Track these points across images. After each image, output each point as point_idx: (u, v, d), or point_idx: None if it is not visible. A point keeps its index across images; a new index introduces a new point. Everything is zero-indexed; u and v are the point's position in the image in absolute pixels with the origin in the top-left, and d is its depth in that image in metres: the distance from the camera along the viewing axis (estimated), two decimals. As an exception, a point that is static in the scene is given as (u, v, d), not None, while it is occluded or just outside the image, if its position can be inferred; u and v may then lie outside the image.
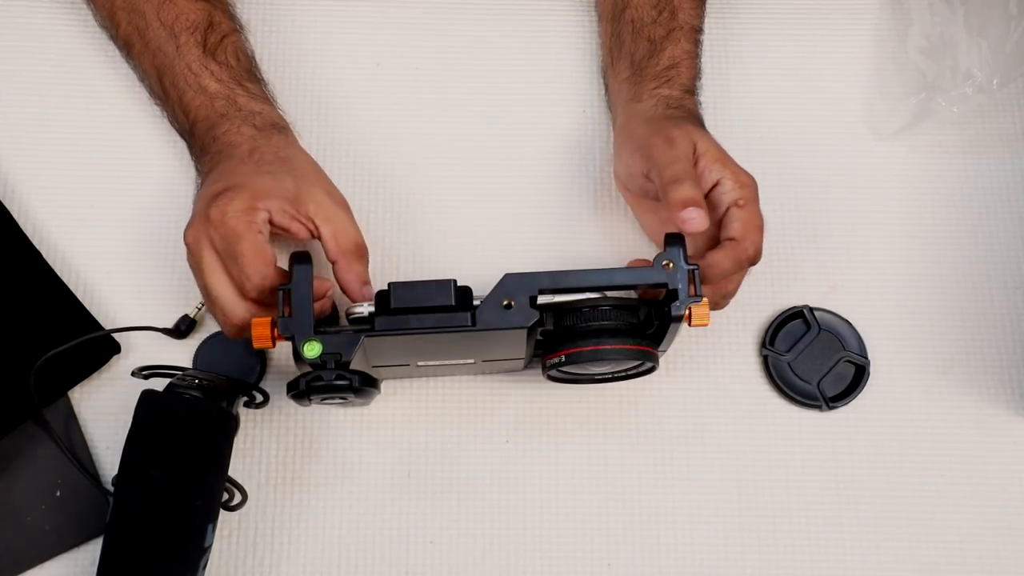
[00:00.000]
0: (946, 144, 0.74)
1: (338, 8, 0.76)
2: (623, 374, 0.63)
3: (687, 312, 0.57)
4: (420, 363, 0.62)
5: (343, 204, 0.64)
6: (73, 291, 0.68)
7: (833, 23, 0.77)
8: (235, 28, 0.70)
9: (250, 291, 0.59)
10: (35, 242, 0.69)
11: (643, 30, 0.68)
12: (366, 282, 0.62)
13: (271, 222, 0.60)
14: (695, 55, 0.69)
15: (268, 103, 0.68)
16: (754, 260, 0.61)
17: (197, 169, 0.67)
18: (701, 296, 0.57)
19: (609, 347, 0.58)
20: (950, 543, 0.66)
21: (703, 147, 0.62)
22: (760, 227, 0.61)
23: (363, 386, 0.57)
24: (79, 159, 0.72)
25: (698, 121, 0.66)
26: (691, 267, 0.57)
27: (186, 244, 0.61)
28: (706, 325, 0.58)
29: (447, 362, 0.63)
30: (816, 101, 0.75)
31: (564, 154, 0.73)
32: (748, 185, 0.61)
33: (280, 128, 0.66)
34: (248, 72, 0.68)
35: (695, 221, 0.58)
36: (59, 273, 0.68)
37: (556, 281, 0.57)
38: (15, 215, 0.69)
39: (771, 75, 0.76)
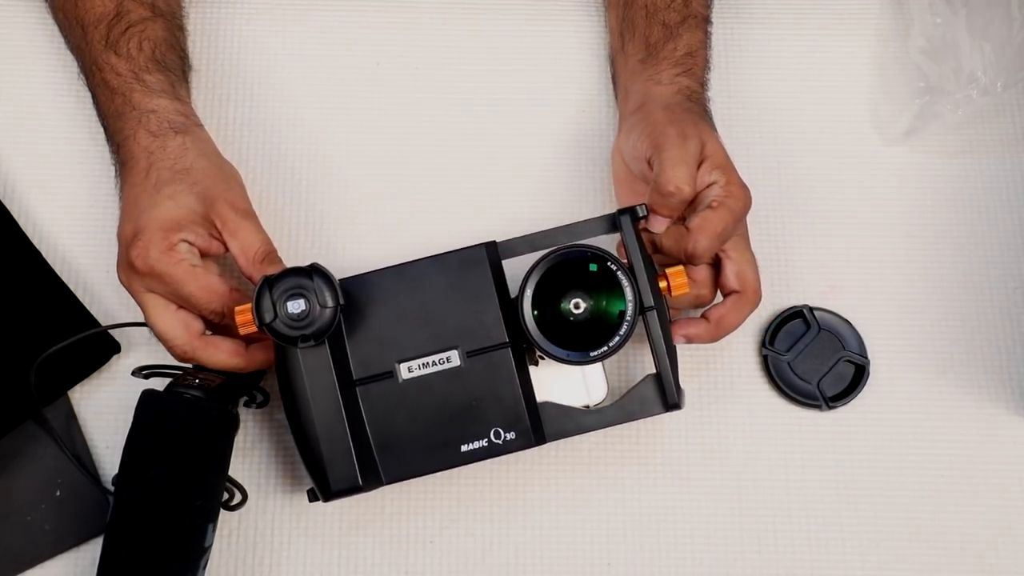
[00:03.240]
0: (947, 145, 0.74)
1: (338, 8, 0.76)
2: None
3: (665, 280, 0.60)
4: (404, 376, 0.60)
5: (247, 213, 0.63)
6: (73, 291, 0.68)
7: (833, 22, 0.77)
8: (148, 16, 0.67)
9: (215, 320, 0.61)
10: (35, 242, 0.69)
11: (657, 15, 0.69)
12: None
13: (195, 246, 0.61)
14: (707, 45, 0.69)
15: (166, 96, 0.65)
16: (692, 258, 0.61)
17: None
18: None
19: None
20: (950, 543, 0.66)
21: (710, 150, 0.62)
22: (717, 234, 0.60)
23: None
24: (79, 159, 0.72)
25: (711, 120, 0.67)
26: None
27: (122, 284, 0.62)
28: (686, 292, 0.60)
29: (430, 357, 0.61)
30: (816, 101, 0.75)
31: (564, 154, 0.73)
32: (735, 196, 0.61)
33: (177, 127, 0.64)
34: (151, 61, 0.66)
35: (656, 227, 0.62)
36: (59, 273, 0.68)
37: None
38: (15, 215, 0.69)
39: (771, 74, 0.76)
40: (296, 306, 0.56)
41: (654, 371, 0.61)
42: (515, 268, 0.61)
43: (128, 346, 0.67)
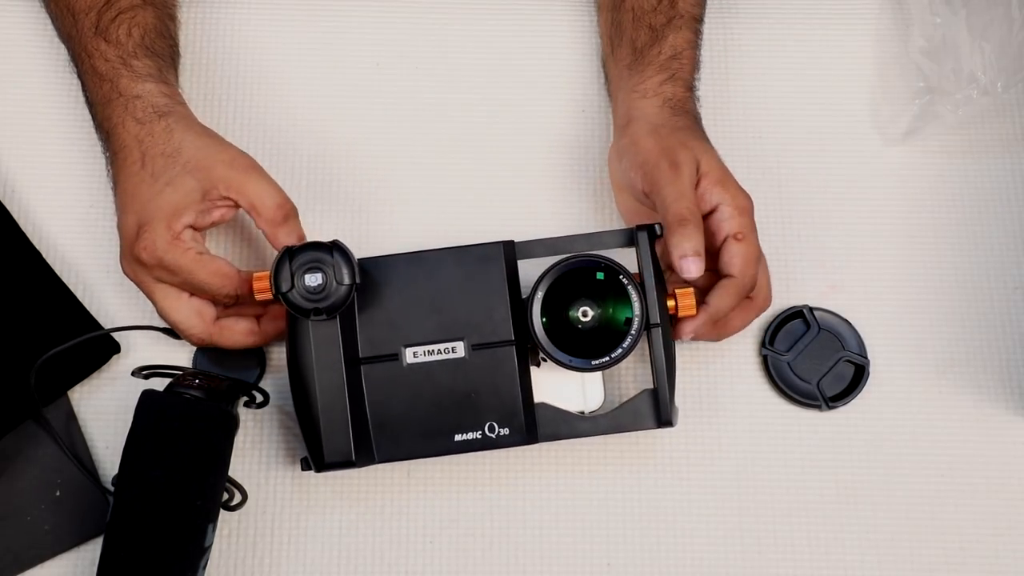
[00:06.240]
0: (947, 145, 0.74)
1: (338, 8, 0.76)
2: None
3: (673, 300, 0.60)
4: (409, 360, 0.61)
5: (250, 167, 0.63)
6: (73, 291, 0.68)
7: (833, 22, 0.77)
8: (138, 3, 0.67)
9: (229, 303, 0.62)
10: (35, 242, 0.69)
11: (643, 18, 0.69)
12: (302, 238, 0.63)
13: (196, 227, 0.62)
14: (696, 45, 0.69)
15: (152, 80, 0.65)
16: (750, 288, 0.62)
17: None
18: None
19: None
20: (950, 543, 0.66)
21: (706, 167, 0.62)
22: (758, 259, 0.62)
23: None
24: (78, 158, 0.71)
25: (700, 128, 0.66)
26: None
27: (128, 277, 0.63)
28: (692, 315, 0.60)
29: (436, 346, 0.62)
30: (815, 101, 0.75)
31: (564, 154, 0.73)
32: (746, 211, 0.62)
33: (162, 112, 0.63)
34: (140, 47, 0.66)
35: (693, 272, 0.59)
36: (59, 273, 0.68)
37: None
38: (15, 215, 0.69)
39: (770, 75, 0.76)
40: (313, 279, 0.58)
41: (651, 386, 0.61)
42: (528, 270, 0.62)
43: (128, 346, 0.67)
